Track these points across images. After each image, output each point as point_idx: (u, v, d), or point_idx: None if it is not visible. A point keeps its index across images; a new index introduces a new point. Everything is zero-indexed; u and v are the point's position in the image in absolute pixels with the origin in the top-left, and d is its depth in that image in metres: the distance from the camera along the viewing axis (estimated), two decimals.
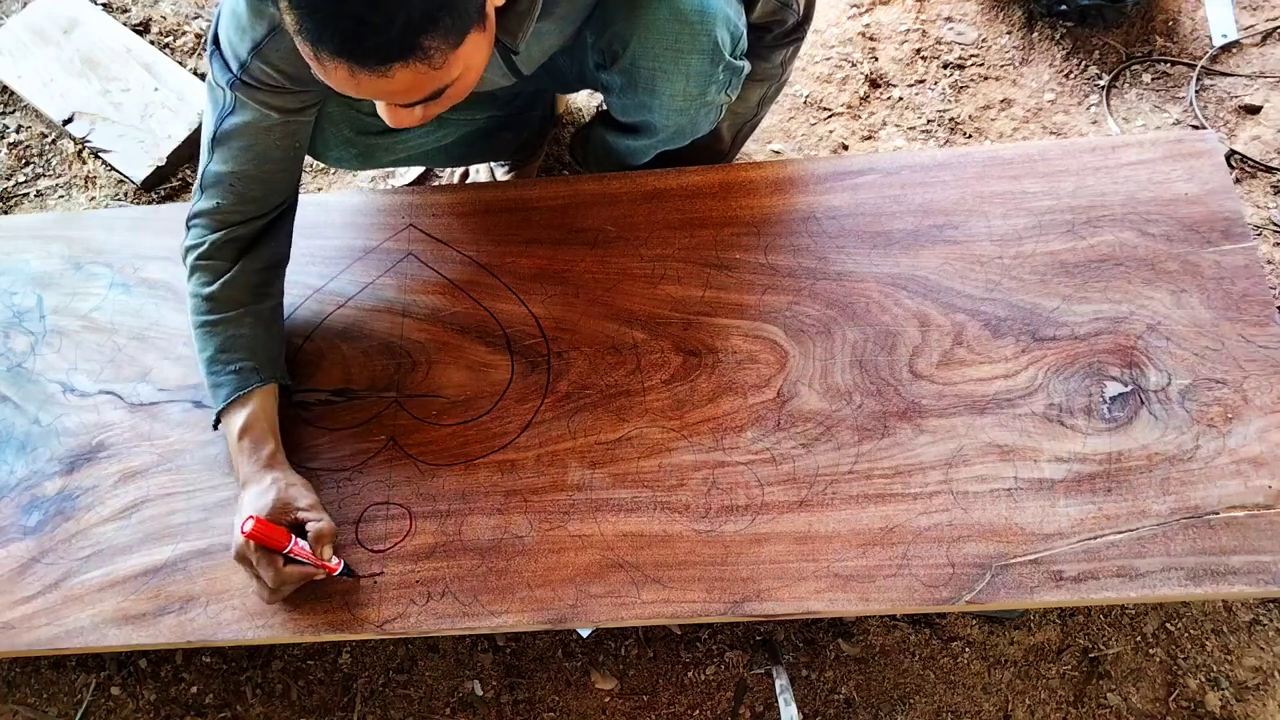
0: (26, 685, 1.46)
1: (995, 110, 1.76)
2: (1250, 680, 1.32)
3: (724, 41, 1.11)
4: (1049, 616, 1.38)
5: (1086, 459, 1.11)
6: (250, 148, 1.11)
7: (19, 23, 1.95)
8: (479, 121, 1.43)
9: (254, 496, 1.10)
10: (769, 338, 1.23)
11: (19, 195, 1.87)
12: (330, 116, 1.23)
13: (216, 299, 1.16)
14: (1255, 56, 1.75)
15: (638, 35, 1.09)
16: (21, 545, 1.22)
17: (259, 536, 1.04)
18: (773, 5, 1.18)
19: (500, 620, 1.11)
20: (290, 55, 1.00)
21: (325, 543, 1.09)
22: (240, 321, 1.17)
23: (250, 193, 1.14)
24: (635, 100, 1.18)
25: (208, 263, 1.16)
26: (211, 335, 1.16)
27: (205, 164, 1.13)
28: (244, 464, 1.13)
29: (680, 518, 1.14)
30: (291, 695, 1.42)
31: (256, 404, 1.15)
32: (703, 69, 1.12)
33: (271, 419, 1.16)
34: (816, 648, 1.39)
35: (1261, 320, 1.16)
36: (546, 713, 1.39)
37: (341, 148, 1.28)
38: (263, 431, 1.14)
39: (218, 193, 1.14)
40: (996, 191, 1.28)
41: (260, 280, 1.20)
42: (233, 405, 1.15)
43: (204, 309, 1.16)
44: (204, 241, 1.16)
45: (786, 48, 1.30)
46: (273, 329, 1.21)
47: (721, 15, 1.08)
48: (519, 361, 1.25)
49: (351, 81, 0.85)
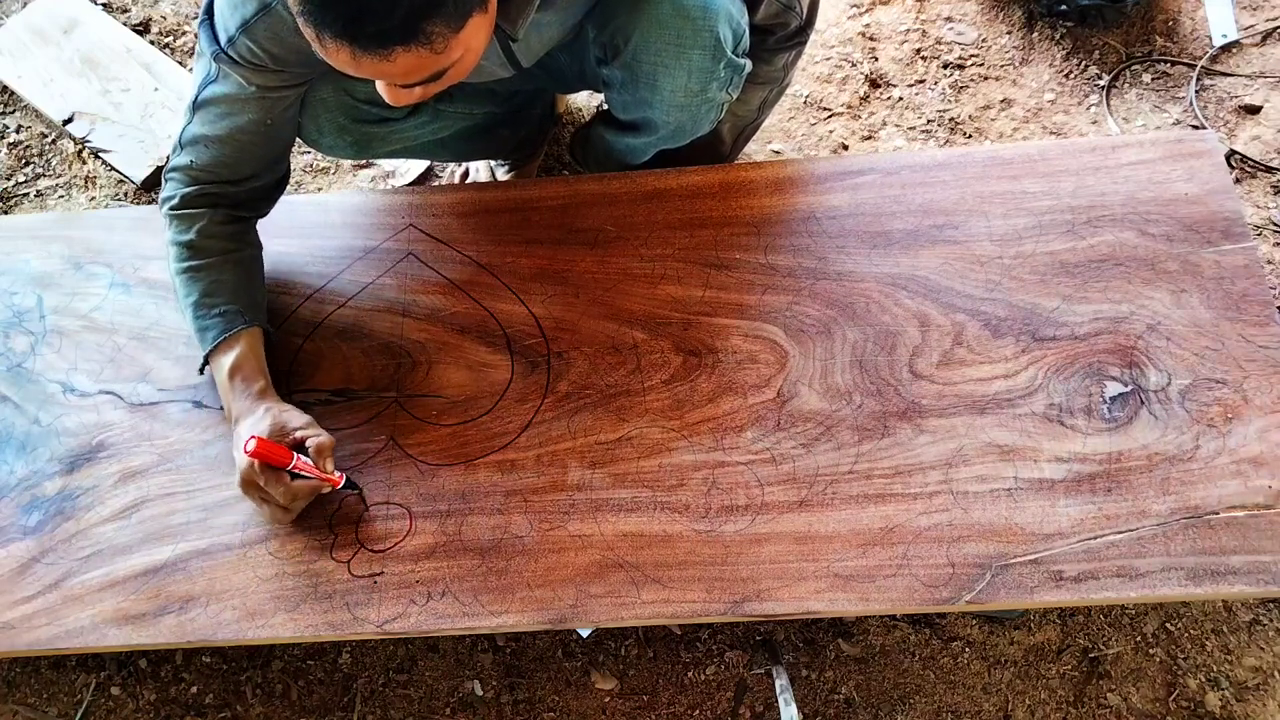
0: (26, 685, 1.46)
1: (995, 110, 1.76)
2: (1250, 680, 1.32)
3: (726, 38, 1.11)
4: (1049, 616, 1.38)
5: (1086, 459, 1.11)
6: (226, 115, 1.14)
7: (19, 23, 1.95)
8: (476, 117, 1.42)
9: (250, 425, 1.12)
10: (769, 338, 1.23)
11: (19, 195, 1.87)
12: (325, 103, 1.24)
13: (195, 246, 1.19)
14: (1255, 56, 1.75)
15: (640, 29, 1.09)
16: (21, 545, 1.22)
17: (262, 454, 1.07)
18: (776, 7, 1.19)
19: (500, 620, 1.11)
20: (275, 36, 1.04)
21: (326, 455, 1.12)
22: (221, 267, 1.20)
23: (223, 157, 1.17)
24: (636, 96, 1.18)
25: (184, 211, 1.20)
26: (194, 280, 1.18)
27: (185, 124, 1.17)
28: (236, 400, 1.16)
29: (680, 518, 1.14)
30: (291, 695, 1.42)
31: (244, 344, 1.18)
32: (704, 65, 1.12)
33: (260, 358, 1.19)
34: (816, 648, 1.39)
35: (1261, 320, 1.16)
36: (546, 713, 1.39)
37: (336, 135, 1.29)
38: (252, 369, 1.17)
39: (193, 152, 1.18)
40: (996, 191, 1.28)
41: (238, 229, 1.23)
42: (220, 347, 1.17)
43: (184, 255, 1.19)
44: (178, 194, 1.20)
45: (789, 51, 1.30)
46: (254, 276, 1.24)
47: (724, 12, 1.09)
48: (519, 361, 1.25)
49: (353, 63, 0.86)
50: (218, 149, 1.17)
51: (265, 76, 1.10)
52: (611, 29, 1.12)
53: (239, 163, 1.19)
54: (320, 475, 1.11)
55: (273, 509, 1.12)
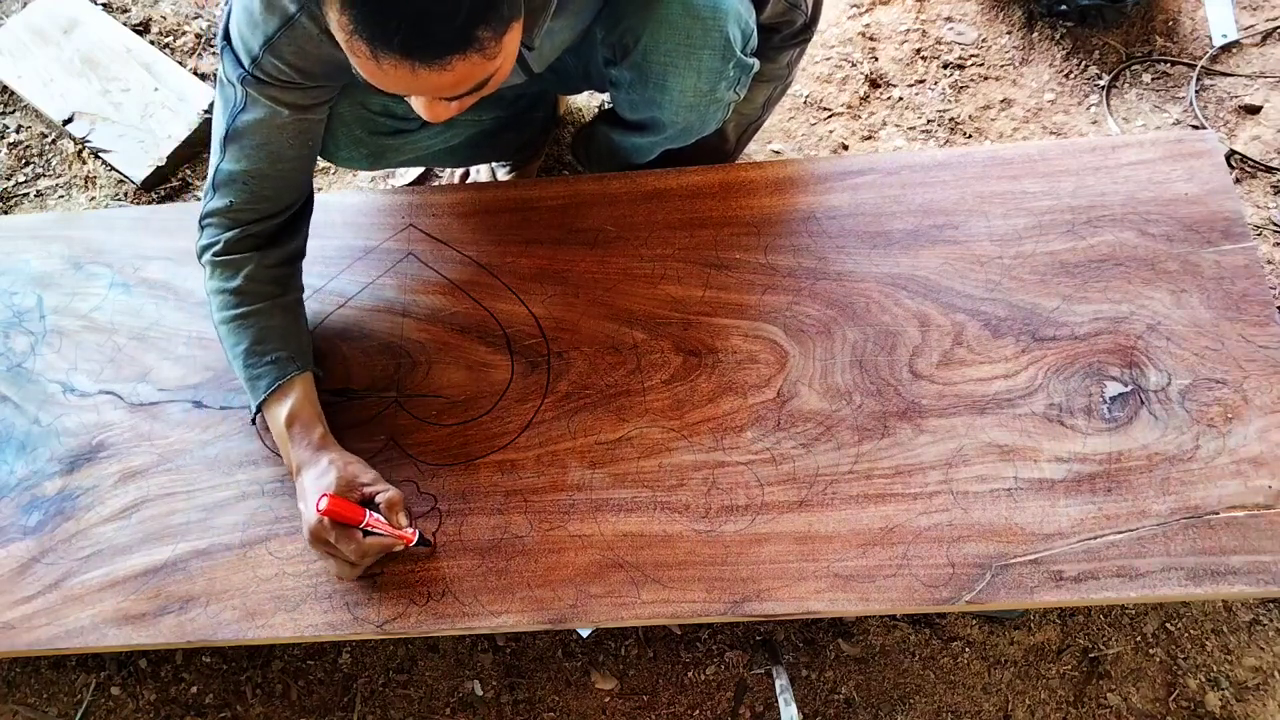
0: (26, 685, 1.46)
1: (995, 110, 1.76)
2: (1250, 680, 1.32)
3: (735, 38, 1.11)
4: (1049, 616, 1.38)
5: (1086, 459, 1.11)
6: (263, 145, 1.09)
7: (19, 23, 1.95)
8: (485, 123, 1.43)
9: (315, 478, 1.09)
10: (769, 338, 1.23)
11: (19, 195, 1.87)
12: (341, 117, 1.22)
13: (243, 292, 1.15)
14: (1255, 56, 1.75)
15: (650, 30, 1.09)
16: (21, 545, 1.22)
17: (335, 513, 1.04)
18: (782, 6, 1.19)
19: (500, 620, 1.11)
20: (301, 50, 1.00)
21: (398, 510, 1.09)
22: (270, 313, 1.16)
23: (264, 191, 1.13)
24: (645, 96, 1.18)
25: (227, 258, 1.15)
26: (243, 328, 1.15)
27: (218, 162, 1.12)
28: (296, 450, 1.12)
29: (680, 518, 1.14)
30: (291, 695, 1.42)
31: (299, 391, 1.14)
32: (714, 65, 1.12)
33: (315, 404, 1.16)
34: (816, 648, 1.39)
35: (1261, 320, 1.16)
36: (546, 713, 1.39)
37: (352, 148, 1.28)
38: (310, 416, 1.14)
39: (231, 191, 1.13)
40: (996, 191, 1.28)
41: (282, 274, 1.19)
42: (273, 396, 1.14)
43: (230, 304, 1.15)
44: (219, 240, 1.15)
45: (794, 49, 1.30)
46: (300, 320, 1.21)
47: (734, 12, 1.09)
48: (519, 361, 1.25)
49: (411, 79, 0.83)
50: (258, 184, 1.12)
51: (296, 94, 1.06)
52: (621, 30, 1.12)
53: (280, 193, 1.15)
54: (393, 532, 1.08)
55: (340, 564, 1.09)
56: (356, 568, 1.09)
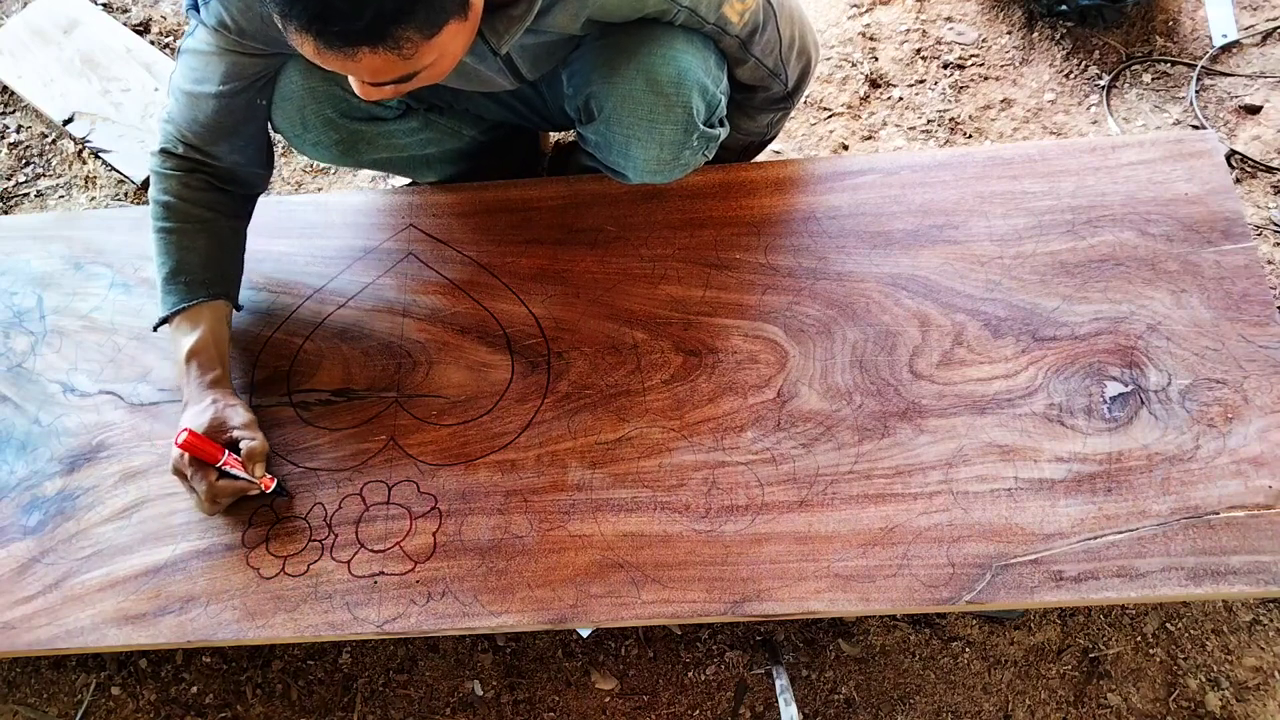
0: (26, 685, 1.46)
1: (995, 110, 1.76)
2: (1250, 680, 1.32)
3: (699, 110, 1.12)
4: (1049, 616, 1.38)
5: (1086, 459, 1.11)
6: (194, 69, 1.14)
7: (19, 23, 1.95)
8: (463, 139, 1.40)
9: (192, 415, 1.14)
10: (769, 338, 1.23)
11: (19, 195, 1.87)
12: (313, 92, 1.21)
13: (172, 208, 1.19)
14: (1255, 56, 1.75)
15: (613, 102, 1.10)
16: (22, 545, 1.22)
17: (191, 448, 1.10)
18: (761, 72, 1.19)
19: (500, 620, 1.11)
20: (247, 9, 1.05)
21: (257, 460, 1.14)
22: (195, 234, 1.19)
23: (196, 114, 1.16)
24: (610, 158, 1.20)
25: (166, 170, 1.19)
26: (166, 241, 1.18)
27: (172, 71, 1.18)
28: (189, 386, 1.17)
29: (680, 518, 1.14)
30: (291, 695, 1.42)
31: (206, 326, 1.18)
32: (676, 138, 1.13)
33: (221, 342, 1.19)
34: (816, 648, 1.39)
35: (1261, 320, 1.16)
36: (546, 713, 1.39)
37: (321, 129, 1.25)
38: (210, 357, 1.17)
39: (175, 101, 1.18)
40: (996, 191, 1.28)
41: (218, 198, 1.22)
42: (182, 320, 1.18)
43: (161, 214, 1.19)
44: (163, 148, 1.19)
45: (774, 113, 1.31)
46: (227, 248, 1.24)
47: (697, 85, 1.09)
48: (519, 361, 1.25)
49: (317, 56, 0.86)
50: (189, 103, 1.16)
51: (227, 41, 1.10)
52: (586, 95, 1.13)
53: (201, 127, 1.18)
54: (248, 478, 1.13)
55: (198, 500, 1.13)
56: (213, 505, 1.14)
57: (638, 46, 1.08)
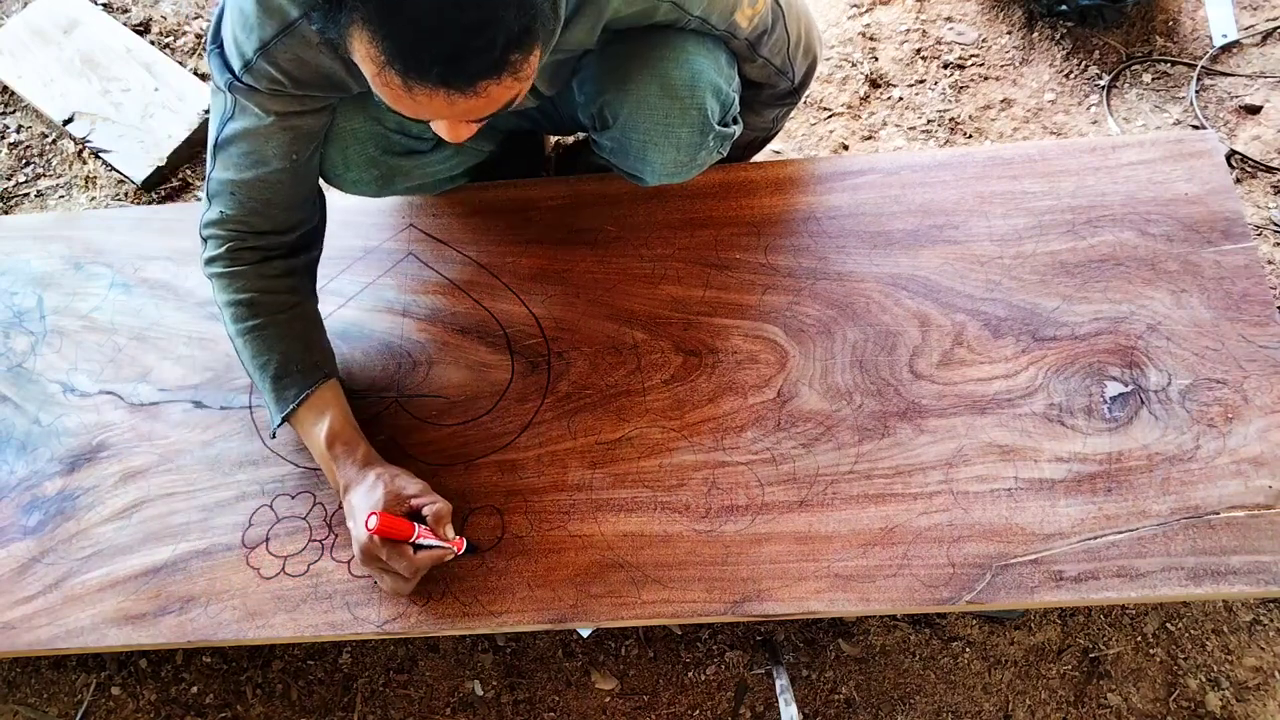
0: (26, 685, 1.46)
1: (995, 110, 1.76)
2: (1250, 680, 1.32)
3: (713, 111, 1.11)
4: (1049, 616, 1.38)
5: (1087, 459, 1.11)
6: (251, 154, 1.06)
7: (19, 23, 1.95)
8: (483, 154, 1.39)
9: (363, 495, 1.07)
10: (769, 338, 1.23)
11: (19, 195, 1.87)
12: (355, 134, 1.17)
13: (254, 304, 1.12)
14: (1255, 56, 1.75)
15: (628, 109, 1.10)
16: (22, 545, 1.22)
17: (384, 530, 1.03)
18: (769, 70, 1.19)
19: (500, 620, 1.11)
20: (298, 58, 0.96)
21: (445, 522, 1.08)
22: (289, 323, 1.14)
23: (253, 203, 1.10)
24: (626, 162, 1.20)
25: (231, 270, 1.13)
26: (260, 339, 1.12)
27: (209, 170, 1.10)
28: (343, 469, 1.11)
29: (680, 518, 1.13)
30: (291, 695, 1.42)
31: (333, 406, 1.13)
32: (692, 140, 1.13)
33: (351, 418, 1.14)
34: (816, 648, 1.39)
35: (1261, 320, 1.16)
36: (546, 713, 1.39)
37: (363, 169, 1.21)
38: (351, 435, 1.13)
39: (223, 201, 1.10)
40: (996, 191, 1.28)
41: (292, 283, 1.17)
42: (306, 410, 1.12)
43: (243, 315, 1.12)
44: (221, 251, 1.13)
45: (780, 108, 1.31)
46: (318, 324, 1.19)
47: (711, 86, 1.09)
48: (519, 361, 1.25)
49: (446, 107, 0.81)
50: (247, 195, 1.09)
51: (283, 102, 1.02)
52: (600, 103, 1.12)
53: (271, 209, 1.12)
54: (443, 542, 1.08)
55: (394, 579, 1.08)
56: (410, 582, 1.08)
57: (649, 52, 1.07)
